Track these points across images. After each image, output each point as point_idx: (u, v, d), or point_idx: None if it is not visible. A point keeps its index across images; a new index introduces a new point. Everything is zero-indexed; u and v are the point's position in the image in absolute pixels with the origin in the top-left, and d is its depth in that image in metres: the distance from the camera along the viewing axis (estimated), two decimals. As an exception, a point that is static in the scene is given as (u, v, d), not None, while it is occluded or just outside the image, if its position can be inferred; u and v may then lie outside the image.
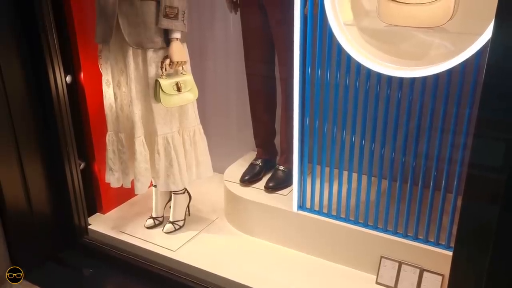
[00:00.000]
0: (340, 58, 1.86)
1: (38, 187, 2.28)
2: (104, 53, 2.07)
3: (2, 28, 1.99)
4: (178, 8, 1.89)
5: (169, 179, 2.16)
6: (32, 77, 2.14)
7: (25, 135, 2.15)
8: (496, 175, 1.14)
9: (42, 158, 2.26)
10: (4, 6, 1.98)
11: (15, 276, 2.15)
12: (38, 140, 2.22)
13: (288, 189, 2.34)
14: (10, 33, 2.03)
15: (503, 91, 1.08)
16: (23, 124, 2.14)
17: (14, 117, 2.09)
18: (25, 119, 2.15)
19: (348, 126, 1.97)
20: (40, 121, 2.21)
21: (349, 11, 1.86)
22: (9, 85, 2.04)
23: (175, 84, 2.00)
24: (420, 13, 1.59)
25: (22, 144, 2.15)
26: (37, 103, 2.18)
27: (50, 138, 2.24)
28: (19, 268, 2.17)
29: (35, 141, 2.21)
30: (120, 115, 2.13)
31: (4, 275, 2.14)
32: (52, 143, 2.25)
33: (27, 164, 2.19)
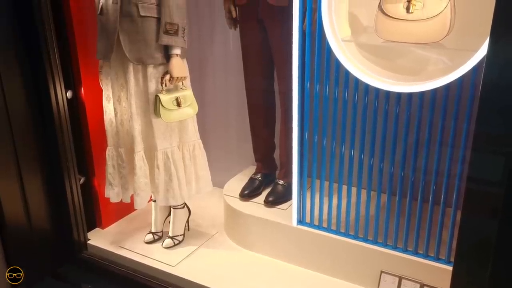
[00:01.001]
0: (339, 73, 1.88)
1: (38, 202, 2.28)
2: (105, 69, 2.10)
3: (5, 44, 2.01)
4: (178, 25, 1.92)
5: (168, 194, 2.16)
6: (33, 92, 2.15)
7: (25, 149, 2.16)
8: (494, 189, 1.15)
9: (42, 173, 2.26)
10: (7, 24, 2.01)
11: (15, 276, 2.14)
12: (38, 155, 2.23)
13: (287, 203, 2.34)
14: (13, 50, 2.05)
15: (500, 105, 1.09)
16: (24, 138, 2.15)
17: (14, 132, 2.10)
18: (26, 134, 2.16)
19: (347, 141, 1.98)
20: (41, 136, 2.22)
21: (347, 27, 1.88)
22: (10, 99, 2.06)
23: (175, 99, 2.01)
24: (416, 30, 1.61)
25: (22, 159, 2.15)
26: (37, 118, 2.19)
27: (50, 153, 2.25)
28: (19, 268, 2.16)
29: (35, 156, 2.22)
30: (120, 130, 2.14)
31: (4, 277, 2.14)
32: (52, 158, 2.26)
33: (27, 179, 2.20)
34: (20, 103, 2.12)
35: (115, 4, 1.92)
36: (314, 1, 1.83)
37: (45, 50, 2.09)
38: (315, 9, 1.83)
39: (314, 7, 1.85)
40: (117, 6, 1.92)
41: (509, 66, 1.05)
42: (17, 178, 2.16)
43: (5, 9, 2.00)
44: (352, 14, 1.88)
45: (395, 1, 1.63)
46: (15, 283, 2.15)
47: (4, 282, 2.16)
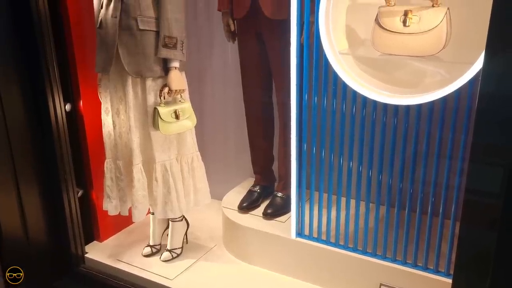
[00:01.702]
0: (336, 85, 1.89)
1: (35, 215, 2.27)
2: (104, 82, 2.11)
3: (4, 57, 2.03)
4: (177, 38, 1.93)
5: (167, 206, 2.16)
6: (32, 105, 2.16)
7: (23, 162, 2.16)
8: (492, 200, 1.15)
9: (40, 185, 2.26)
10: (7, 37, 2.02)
11: (15, 276, 2.12)
12: (36, 167, 2.22)
13: (286, 215, 2.34)
14: (12, 62, 2.06)
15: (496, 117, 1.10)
16: (22, 151, 2.15)
17: (12, 144, 2.10)
18: (24, 147, 2.16)
19: (345, 152, 1.98)
20: (39, 148, 2.22)
21: (344, 41, 1.90)
22: (9, 112, 2.06)
23: (174, 111, 2.02)
24: (413, 43, 1.63)
25: (20, 171, 2.15)
26: (36, 130, 2.19)
27: (49, 165, 2.24)
28: (19, 268, 2.14)
29: (33, 168, 2.22)
30: (119, 143, 2.14)
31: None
32: (51, 171, 2.25)
33: (25, 192, 2.19)
34: (19, 116, 2.12)
35: (114, 18, 1.93)
36: (312, 15, 1.85)
37: (44, 63, 2.10)
38: (313, 22, 1.85)
39: (311, 20, 1.87)
40: (116, 20, 1.93)
41: (505, 78, 1.06)
42: (14, 190, 2.15)
43: (4, 21, 2.01)
44: (349, 28, 1.90)
45: (392, 15, 1.65)
46: (15, 283, 2.13)
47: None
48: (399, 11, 1.64)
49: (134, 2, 1.91)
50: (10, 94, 2.06)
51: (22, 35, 2.07)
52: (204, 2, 2.63)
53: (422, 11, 1.61)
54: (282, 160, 2.39)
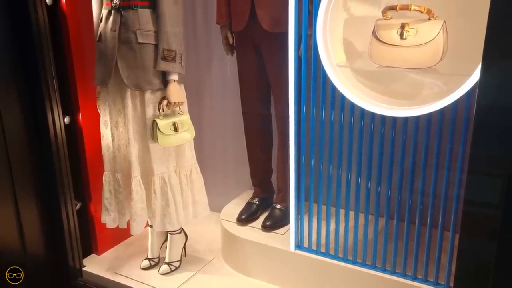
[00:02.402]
0: (334, 97, 1.90)
1: (33, 228, 2.25)
2: (103, 94, 2.11)
3: (4, 70, 2.03)
4: (175, 51, 1.94)
5: (165, 219, 2.15)
6: (31, 118, 2.16)
7: (21, 175, 2.15)
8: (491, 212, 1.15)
9: (38, 198, 2.25)
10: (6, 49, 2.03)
11: (15, 276, 2.10)
12: (34, 180, 2.22)
13: (285, 228, 2.33)
14: (11, 75, 2.07)
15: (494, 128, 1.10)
16: (20, 164, 2.15)
17: (11, 157, 2.09)
18: (22, 160, 2.16)
19: (344, 164, 1.98)
20: (38, 161, 2.21)
21: (342, 53, 1.91)
22: (8, 124, 2.06)
23: (172, 124, 2.02)
24: (410, 55, 1.64)
25: (18, 184, 2.14)
26: (35, 143, 2.19)
27: (47, 178, 2.24)
28: (19, 268, 2.12)
29: (32, 181, 2.21)
30: (117, 155, 2.14)
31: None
32: (49, 184, 2.25)
33: (23, 205, 2.18)
34: (18, 128, 2.13)
35: (114, 31, 1.95)
36: (310, 28, 1.87)
37: (43, 76, 2.11)
38: (311, 35, 1.87)
39: (309, 33, 1.88)
40: (115, 33, 1.95)
41: (501, 90, 1.07)
42: (12, 203, 2.14)
43: (5, 34, 2.03)
44: (347, 40, 1.91)
45: (389, 28, 1.66)
46: (15, 283, 2.11)
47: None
48: (396, 24, 1.65)
49: (133, 16, 1.92)
50: (9, 107, 2.07)
51: (21, 48, 2.08)
52: (203, 16, 2.65)
53: (419, 24, 1.63)
54: (280, 172, 2.39)
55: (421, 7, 1.60)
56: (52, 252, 2.35)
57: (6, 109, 2.05)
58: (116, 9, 1.94)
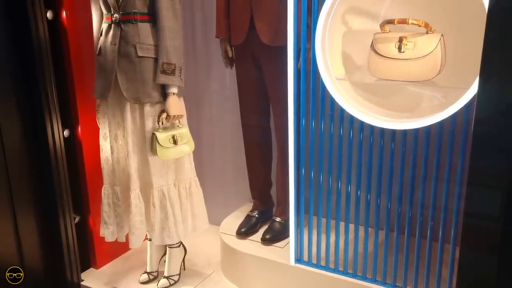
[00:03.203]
0: (333, 110, 1.91)
1: (31, 241, 2.24)
2: (102, 107, 2.12)
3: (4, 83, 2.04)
4: (175, 65, 1.96)
5: (164, 232, 2.14)
6: (30, 131, 2.16)
7: (20, 188, 2.15)
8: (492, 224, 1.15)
9: (37, 211, 2.24)
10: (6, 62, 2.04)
11: (15, 276, 2.08)
12: (33, 193, 2.21)
13: (285, 241, 2.32)
14: (11, 88, 2.08)
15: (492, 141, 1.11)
16: (19, 177, 2.14)
17: (10, 170, 2.09)
18: (21, 172, 2.15)
19: (343, 177, 1.98)
20: (36, 174, 2.21)
21: (341, 66, 1.92)
22: (7, 137, 2.07)
23: (172, 137, 2.02)
24: (409, 68, 1.65)
25: (17, 197, 2.14)
26: (34, 156, 2.19)
27: (46, 191, 2.23)
28: (19, 268, 2.09)
29: (30, 194, 2.21)
30: (116, 168, 2.14)
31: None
32: (48, 197, 2.24)
33: (21, 217, 2.17)
34: (17, 141, 2.13)
35: (114, 45, 1.96)
36: (308, 41, 1.88)
37: (43, 89, 2.12)
38: (309, 49, 1.88)
39: (308, 47, 1.90)
40: (115, 47, 1.96)
41: (499, 103, 1.07)
42: (11, 216, 2.14)
43: (5, 48, 2.04)
44: (346, 54, 1.92)
45: (387, 41, 1.68)
46: (15, 283, 2.09)
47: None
48: (394, 37, 1.67)
49: (133, 29, 1.94)
50: (9, 119, 2.07)
51: (22, 61, 2.09)
52: (202, 29, 2.67)
53: (417, 37, 1.64)
54: (280, 185, 2.38)
55: (419, 21, 1.61)
56: (50, 265, 2.33)
57: (5, 122, 2.06)
58: (116, 23, 1.96)
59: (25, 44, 2.06)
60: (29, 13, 2.02)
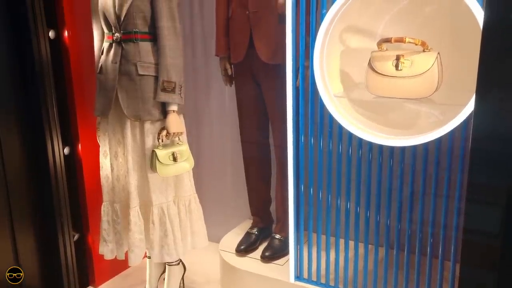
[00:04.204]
0: (332, 127, 1.92)
1: (30, 259, 2.23)
2: (103, 125, 2.13)
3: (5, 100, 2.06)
4: (175, 83, 1.98)
5: (163, 250, 2.13)
6: (31, 148, 2.17)
7: (19, 205, 2.15)
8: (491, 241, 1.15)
9: (36, 229, 2.23)
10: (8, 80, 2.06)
11: (15, 276, 2.06)
12: (32, 210, 2.21)
13: (284, 258, 2.31)
14: (12, 105, 2.09)
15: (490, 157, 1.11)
16: (19, 194, 2.14)
17: (9, 187, 2.09)
18: (21, 189, 2.15)
19: (342, 194, 1.98)
20: (36, 192, 2.21)
21: (339, 84, 1.94)
22: (7, 154, 2.07)
23: (171, 154, 2.03)
24: (406, 86, 1.67)
25: (16, 214, 2.13)
26: (34, 174, 2.20)
27: (45, 209, 2.23)
28: (19, 268, 2.07)
29: (30, 211, 2.20)
30: (116, 186, 2.14)
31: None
32: (47, 214, 2.24)
33: (20, 235, 2.16)
34: (17, 158, 2.13)
35: (115, 63, 1.98)
36: (307, 59, 1.90)
37: (44, 107, 2.14)
38: (308, 67, 1.91)
39: (306, 65, 1.92)
40: (116, 66, 1.98)
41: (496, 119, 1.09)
42: (9, 233, 2.13)
43: (7, 66, 2.06)
44: (344, 71, 1.95)
45: (384, 59, 1.70)
46: (15, 283, 2.06)
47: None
48: (391, 55, 1.69)
49: (134, 48, 1.97)
50: (9, 136, 2.08)
51: (24, 79, 2.11)
52: (202, 47, 2.71)
53: (414, 55, 1.66)
54: (279, 202, 2.38)
55: (416, 40, 1.64)
56: (49, 283, 2.31)
57: (6, 139, 2.06)
58: (117, 42, 1.99)
59: (27, 62, 2.08)
60: (31, 33, 2.04)
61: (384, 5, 1.87)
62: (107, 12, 1.98)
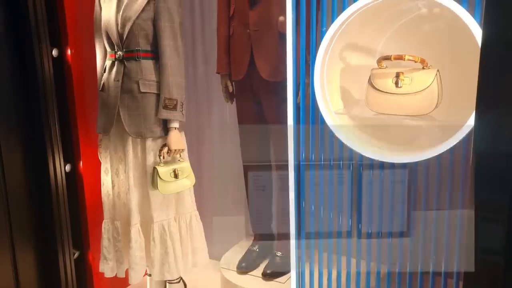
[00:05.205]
0: (333, 143, 1.92)
1: (30, 277, 2.21)
2: (104, 142, 2.14)
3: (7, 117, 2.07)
4: (177, 100, 1.99)
5: (164, 268, 2.12)
6: (32, 165, 2.17)
7: (20, 222, 2.14)
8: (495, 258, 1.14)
9: (36, 246, 2.22)
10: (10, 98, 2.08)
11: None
12: (33, 228, 2.20)
13: (286, 276, 2.29)
14: (14, 123, 2.10)
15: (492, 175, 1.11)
16: (19, 211, 2.13)
17: (10, 204, 2.08)
18: (22, 206, 2.15)
19: (344, 210, 1.97)
20: (37, 209, 2.20)
21: (339, 101, 1.95)
22: (9, 171, 2.07)
23: (173, 171, 2.04)
24: (406, 103, 1.68)
25: (16, 231, 2.12)
26: (34, 191, 2.19)
27: (46, 226, 2.22)
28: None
29: (30, 229, 2.19)
30: (117, 203, 2.14)
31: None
32: (48, 232, 2.22)
33: (20, 253, 2.15)
34: (19, 175, 2.13)
35: (117, 81, 2.00)
36: (307, 76, 1.92)
37: (46, 124, 2.15)
38: (308, 84, 1.92)
39: (307, 82, 1.93)
40: (118, 83, 2.00)
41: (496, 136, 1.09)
42: (9, 250, 2.11)
43: (10, 83, 2.08)
44: (344, 88, 1.96)
45: (384, 76, 1.71)
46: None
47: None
48: (391, 73, 1.70)
49: (136, 66, 1.99)
50: (11, 153, 2.08)
51: (26, 96, 2.12)
52: (203, 65, 2.73)
53: (413, 72, 1.67)
54: (280, 219, 2.37)
55: (415, 57, 1.65)
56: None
57: (7, 156, 2.07)
58: (119, 60, 2.01)
59: (30, 80, 2.10)
60: (35, 51, 2.06)
61: (383, 23, 1.89)
62: (110, 31, 2.00)
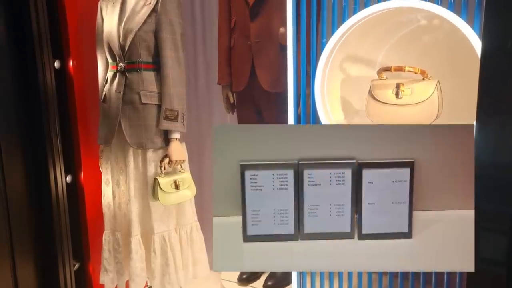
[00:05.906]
0: (334, 154, 1.92)
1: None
2: (105, 153, 2.14)
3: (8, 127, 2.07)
4: (178, 111, 2.00)
5: (164, 279, 2.10)
6: (33, 176, 2.17)
7: (20, 233, 2.13)
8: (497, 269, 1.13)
9: (36, 258, 2.21)
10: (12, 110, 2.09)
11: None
12: (33, 239, 2.19)
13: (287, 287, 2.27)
14: (16, 134, 2.10)
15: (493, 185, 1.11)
16: (19, 222, 2.13)
17: (11, 214, 2.08)
18: (22, 217, 2.14)
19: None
20: (37, 220, 2.20)
21: (340, 111, 1.96)
22: (9, 182, 2.07)
23: (173, 181, 2.04)
24: (407, 114, 1.68)
25: (16, 242, 2.11)
26: (35, 202, 2.19)
27: (46, 237, 2.21)
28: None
29: (30, 239, 2.18)
30: (118, 214, 2.14)
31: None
32: (48, 243, 2.22)
33: (20, 264, 2.14)
34: (19, 186, 2.13)
35: (118, 92, 2.01)
36: (308, 87, 1.93)
37: (47, 135, 2.15)
38: (309, 95, 1.93)
39: (307, 93, 1.94)
40: (120, 95, 2.01)
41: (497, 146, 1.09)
42: (9, 261, 2.10)
43: (13, 95, 2.08)
44: (344, 99, 1.97)
45: (385, 87, 1.72)
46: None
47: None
48: (391, 84, 1.71)
49: (138, 77, 2.00)
50: (12, 164, 2.09)
51: (28, 107, 2.13)
52: (204, 76, 2.74)
53: (414, 84, 1.68)
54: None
55: (415, 68, 1.66)
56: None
57: (8, 167, 2.07)
58: (121, 72, 2.02)
59: (32, 91, 2.11)
60: (37, 62, 2.08)
61: (383, 35, 1.90)
62: (112, 43, 2.02)
